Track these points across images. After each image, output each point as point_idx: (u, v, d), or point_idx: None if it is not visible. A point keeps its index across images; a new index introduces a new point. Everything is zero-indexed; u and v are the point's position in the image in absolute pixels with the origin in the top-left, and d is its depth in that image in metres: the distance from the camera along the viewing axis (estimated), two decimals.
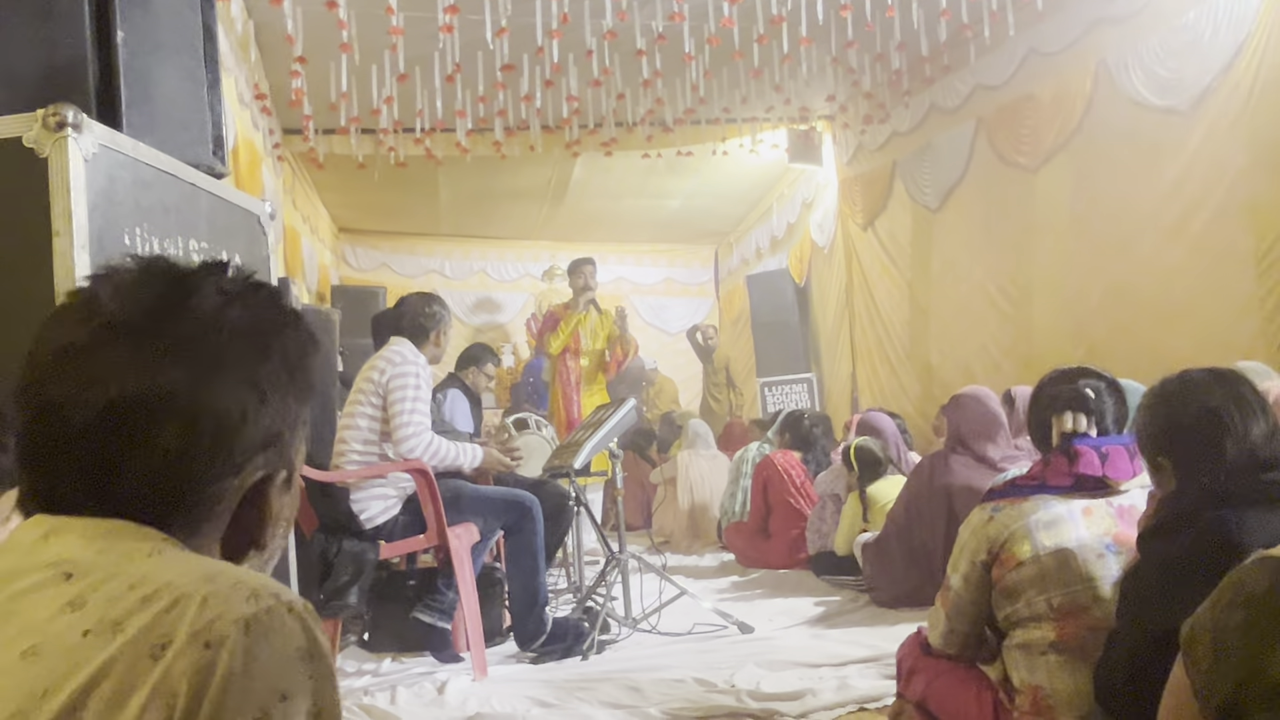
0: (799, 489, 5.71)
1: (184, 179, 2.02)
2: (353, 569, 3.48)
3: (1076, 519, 2.17)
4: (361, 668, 3.82)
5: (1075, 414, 2.24)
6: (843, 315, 9.26)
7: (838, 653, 3.59)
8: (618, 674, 3.48)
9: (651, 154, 8.11)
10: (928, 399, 7.56)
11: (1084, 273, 5.87)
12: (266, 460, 0.87)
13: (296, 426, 0.91)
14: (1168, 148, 5.20)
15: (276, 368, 0.87)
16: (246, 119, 6.32)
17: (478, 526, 3.83)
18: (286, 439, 0.89)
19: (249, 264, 2.33)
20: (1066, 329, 5.99)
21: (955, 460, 4.19)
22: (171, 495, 0.83)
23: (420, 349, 3.85)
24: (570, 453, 4.36)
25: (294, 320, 0.91)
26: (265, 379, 0.86)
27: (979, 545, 2.25)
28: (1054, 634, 2.14)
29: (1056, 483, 2.19)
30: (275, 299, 0.91)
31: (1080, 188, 5.90)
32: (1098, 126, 5.72)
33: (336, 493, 3.62)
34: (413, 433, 3.61)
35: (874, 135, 8.18)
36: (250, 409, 0.84)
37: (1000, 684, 2.30)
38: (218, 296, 0.87)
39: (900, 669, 2.69)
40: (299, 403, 0.90)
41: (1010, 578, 2.19)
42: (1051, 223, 6.17)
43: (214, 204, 2.15)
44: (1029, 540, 2.16)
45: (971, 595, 2.30)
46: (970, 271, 7.07)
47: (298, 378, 0.89)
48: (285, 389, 0.88)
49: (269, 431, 0.86)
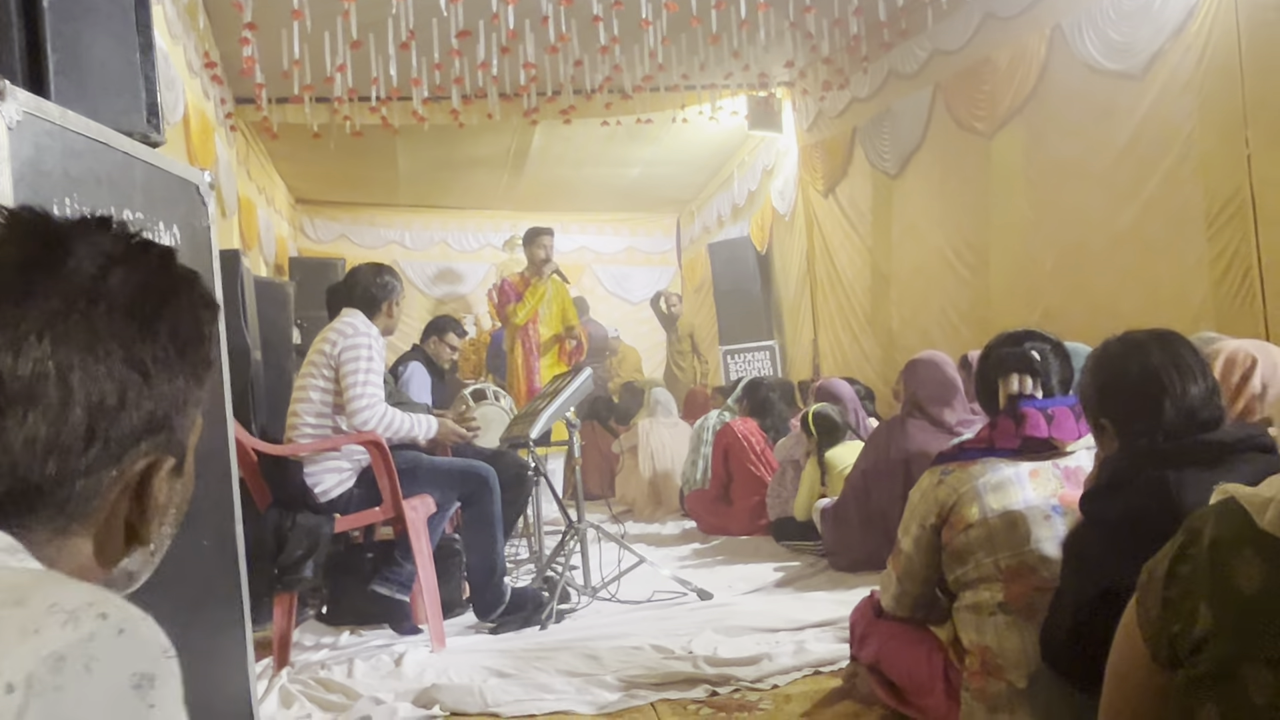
0: (759, 456, 5.74)
1: (117, 148, 1.96)
2: (308, 543, 3.45)
3: (1024, 481, 2.18)
4: (320, 641, 3.81)
5: (1021, 376, 2.26)
6: (804, 282, 9.28)
7: (795, 618, 3.61)
8: (576, 642, 3.49)
9: (611, 121, 8.06)
10: (889, 364, 7.61)
11: (1039, 236, 5.91)
12: (151, 447, 0.78)
13: (187, 407, 0.81)
14: (1120, 111, 5.23)
15: (164, 343, 0.77)
16: (197, 88, 6.20)
17: (434, 498, 3.80)
18: (175, 422, 0.80)
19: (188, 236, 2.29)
20: (1023, 292, 6.03)
21: (912, 425, 4.22)
22: (36, 491, 0.73)
23: (372, 320, 3.80)
24: (527, 423, 4.34)
25: (187, 287, 0.81)
26: (150, 356, 0.76)
27: (928, 509, 2.27)
28: (1002, 595, 2.16)
29: (1004, 445, 2.21)
30: (166, 262, 0.81)
31: (1035, 151, 5.93)
32: (1052, 91, 5.74)
33: (290, 466, 3.59)
34: (366, 404, 3.57)
35: (833, 101, 8.17)
36: (131, 391, 0.75)
37: (950, 645, 2.33)
38: (96, 259, 0.76)
39: (853, 633, 2.72)
40: (191, 382, 0.81)
41: (959, 540, 2.21)
42: (1007, 186, 6.20)
43: (150, 174, 2.09)
44: (977, 503, 2.18)
45: (922, 558, 2.32)
46: (929, 236, 7.10)
47: (189, 353, 0.80)
48: (174, 367, 0.78)
49: (154, 415, 0.77)
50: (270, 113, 7.28)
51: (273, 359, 4.76)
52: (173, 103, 5.05)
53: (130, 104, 2.09)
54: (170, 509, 0.83)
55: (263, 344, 4.60)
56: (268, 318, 4.81)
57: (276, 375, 4.83)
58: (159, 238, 2.13)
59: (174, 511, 0.84)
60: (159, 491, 0.80)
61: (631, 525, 6.40)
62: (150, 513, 0.80)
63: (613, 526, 5.19)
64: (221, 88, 7.15)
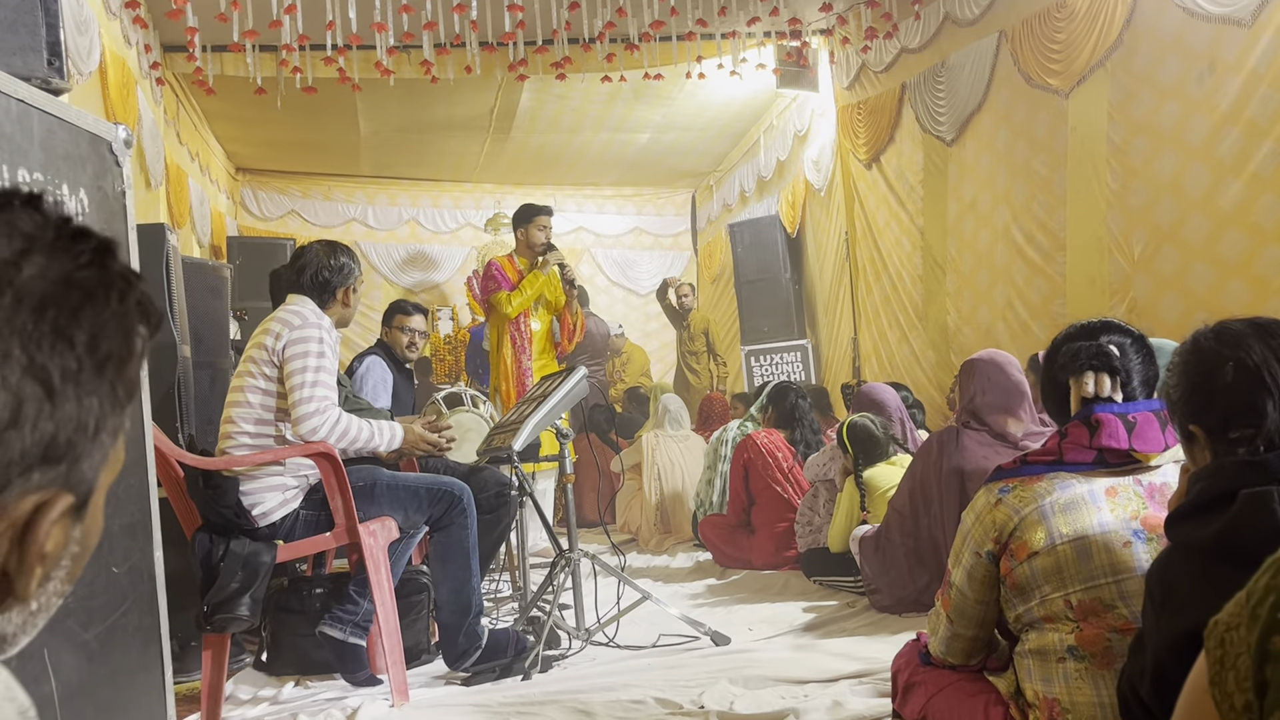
0: (787, 474, 5.73)
1: (10, 94, 1.97)
2: (243, 575, 3.44)
3: (1099, 500, 2.16)
4: (258, 694, 3.81)
5: (1098, 374, 2.23)
6: (843, 270, 9.27)
7: (828, 667, 3.60)
8: (565, 695, 3.48)
9: (613, 77, 8.07)
10: (943, 368, 7.61)
11: (1125, 215, 5.89)
12: (46, 480, 0.74)
13: (99, 436, 0.77)
14: (1224, 64, 5.21)
15: (80, 353, 0.74)
16: (116, 31, 6.22)
17: (397, 522, 3.80)
18: (82, 452, 0.76)
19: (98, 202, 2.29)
20: (1104, 282, 6.02)
21: (968, 437, 4.20)
22: None
23: (325, 309, 3.80)
24: (509, 433, 4.33)
25: (122, 290, 0.77)
26: (59, 367, 0.72)
27: (984, 533, 2.25)
28: (1073, 637, 2.14)
29: (1075, 458, 2.19)
30: (101, 257, 0.77)
31: (1120, 113, 5.91)
32: (1141, 39, 5.73)
33: (223, 483, 3.58)
34: (315, 409, 3.56)
35: (879, 53, 8.16)
36: (28, 406, 0.71)
37: (1011, 698, 2.31)
38: (12, 240, 0.73)
39: (896, 683, 2.70)
40: (109, 405, 0.77)
41: (1021, 571, 2.19)
42: (1087, 156, 6.18)
43: (50, 126, 2.09)
44: (1043, 527, 2.16)
45: (976, 593, 2.30)
46: (993, 215, 7.09)
47: (109, 371, 0.76)
48: (88, 385, 0.75)
49: (54, 441, 0.73)
50: (205, 63, 7.29)
51: (205, 356, 4.77)
52: (85, 48, 5.07)
53: (26, 42, 2.10)
54: (63, 560, 0.79)
55: (193, 338, 4.60)
56: (199, 307, 4.81)
57: (209, 376, 4.83)
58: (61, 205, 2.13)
59: (68, 564, 0.80)
60: (47, 537, 0.75)
61: (634, 557, 6.40)
62: (31, 562, 0.75)
63: (611, 558, 5.17)
64: (146, 32, 7.17)
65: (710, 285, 12.55)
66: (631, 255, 13.55)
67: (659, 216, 13.69)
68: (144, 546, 2.42)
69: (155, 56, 7.46)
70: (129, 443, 2.44)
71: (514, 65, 7.62)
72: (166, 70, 7.84)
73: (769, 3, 7.17)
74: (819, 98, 9.34)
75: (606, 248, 13.41)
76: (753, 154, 11.22)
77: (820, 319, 10.06)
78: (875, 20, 7.72)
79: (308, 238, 9.89)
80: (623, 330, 11.54)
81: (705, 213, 13.19)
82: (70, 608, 2.10)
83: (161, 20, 7.16)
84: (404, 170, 12.18)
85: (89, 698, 2.13)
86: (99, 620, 2.20)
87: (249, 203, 11.91)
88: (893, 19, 7.57)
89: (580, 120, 10.47)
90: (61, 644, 2.06)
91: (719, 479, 6.22)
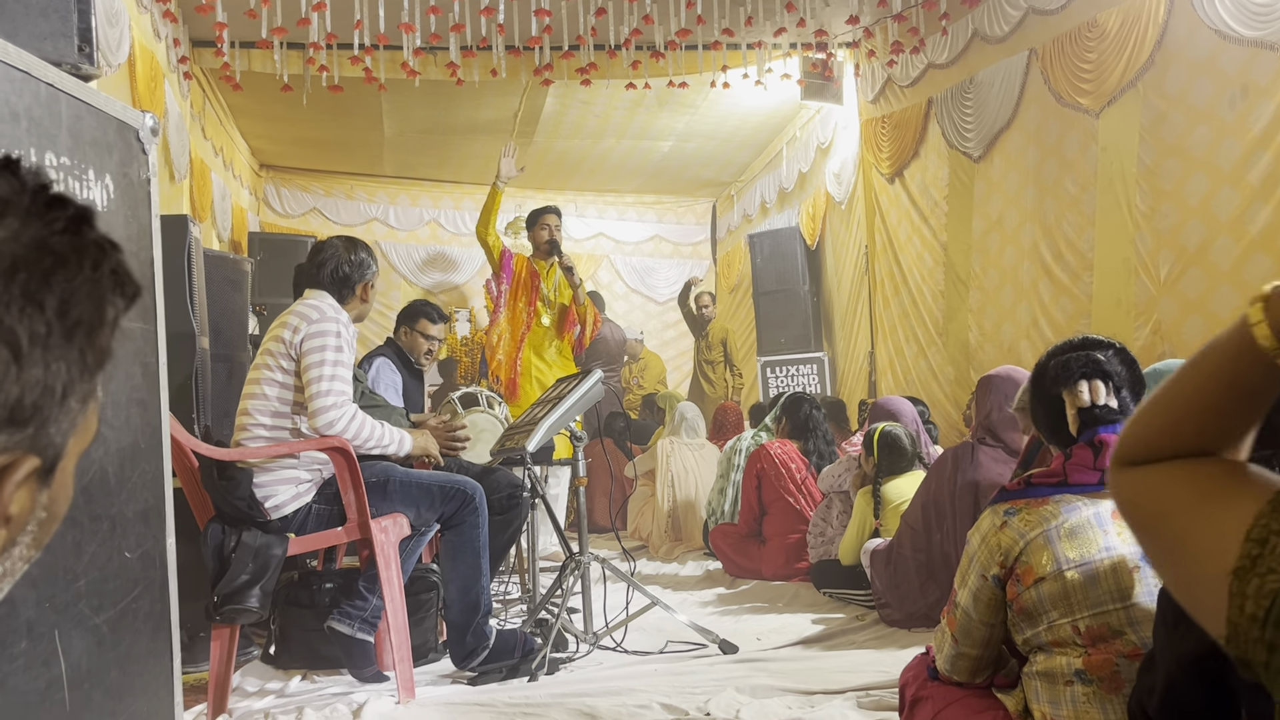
0: (799, 485, 5.72)
1: (40, 78, 1.98)
2: (254, 566, 3.45)
3: (1106, 524, 2.15)
4: (265, 687, 3.81)
5: (1091, 381, 2.22)
6: (862, 283, 9.25)
7: (835, 678, 3.60)
8: (571, 698, 3.48)
9: (638, 84, 8.07)
10: (963, 385, 7.58)
11: (1153, 236, 5.86)
12: (10, 442, 0.73)
13: (67, 401, 0.77)
14: (1256, 87, 5.18)
15: (49, 317, 0.73)
16: (146, 25, 6.26)
17: (409, 519, 3.80)
18: (48, 416, 0.75)
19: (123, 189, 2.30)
20: (1130, 303, 5.99)
21: (983, 453, 4.19)
22: None
23: (344, 304, 3.81)
24: (524, 434, 4.34)
25: (97, 257, 0.77)
26: (27, 330, 0.72)
27: (989, 557, 2.23)
28: (1081, 661, 2.13)
29: (1080, 479, 2.17)
30: (77, 224, 0.77)
31: (1150, 134, 5.89)
32: (1172, 60, 5.70)
33: (237, 475, 3.59)
34: (332, 403, 3.57)
35: (905, 67, 8.15)
36: None
37: (1019, 716, 2.30)
38: None
39: (903, 697, 2.69)
40: (77, 370, 0.77)
41: (1028, 596, 2.18)
42: (1117, 176, 6.15)
43: (78, 111, 2.11)
44: (1049, 552, 2.14)
45: (982, 615, 2.28)
46: (1018, 233, 7.06)
47: (79, 337, 0.76)
48: (57, 350, 0.74)
49: (19, 404, 0.73)
50: (233, 59, 7.34)
51: (223, 349, 4.80)
52: (115, 40, 5.10)
53: (58, 27, 2.12)
54: (29, 525, 0.78)
55: (212, 330, 4.63)
56: (220, 300, 4.84)
57: (226, 369, 4.86)
58: (88, 189, 2.15)
59: (34, 529, 0.79)
60: (12, 500, 0.75)
61: (644, 563, 6.39)
62: None
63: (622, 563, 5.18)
64: (175, 26, 7.22)
65: (728, 295, 12.54)
66: (650, 263, 13.56)
67: (679, 224, 13.70)
68: (157, 533, 2.43)
69: (184, 51, 7.51)
70: (147, 428, 2.46)
71: (539, 70, 7.64)
72: (194, 65, 7.88)
73: (795, 14, 7.18)
74: (843, 110, 9.33)
75: (626, 254, 13.42)
76: (774, 165, 11.23)
77: (837, 332, 10.04)
78: (902, 35, 7.71)
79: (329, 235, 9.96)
80: (643, 336, 11.53)
81: (725, 222, 13.19)
82: (82, 591, 2.11)
83: (191, 15, 7.21)
84: (426, 171, 12.21)
85: (98, 682, 2.14)
86: (110, 605, 2.21)
87: (271, 199, 11.96)
88: (920, 34, 7.56)
89: (603, 126, 10.48)
90: (72, 627, 2.08)
91: (731, 488, 6.22)
